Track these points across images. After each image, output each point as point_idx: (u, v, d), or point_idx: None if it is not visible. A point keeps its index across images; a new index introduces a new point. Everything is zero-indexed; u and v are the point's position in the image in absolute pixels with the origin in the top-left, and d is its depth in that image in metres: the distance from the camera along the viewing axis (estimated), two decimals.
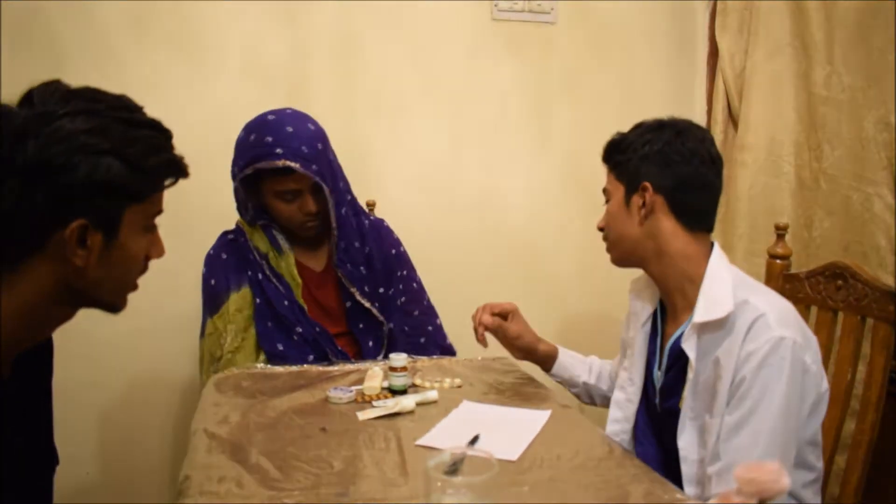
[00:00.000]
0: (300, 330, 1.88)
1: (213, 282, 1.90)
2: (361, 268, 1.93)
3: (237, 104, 2.30)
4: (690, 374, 1.41)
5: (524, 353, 1.79)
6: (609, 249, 1.59)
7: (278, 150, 1.75)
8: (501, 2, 2.51)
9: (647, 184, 1.47)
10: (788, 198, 2.34)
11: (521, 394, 1.67)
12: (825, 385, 1.41)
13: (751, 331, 1.33)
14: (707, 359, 1.39)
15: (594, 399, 1.84)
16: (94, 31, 2.19)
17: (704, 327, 1.39)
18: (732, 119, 2.56)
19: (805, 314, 1.82)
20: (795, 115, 2.34)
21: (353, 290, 1.92)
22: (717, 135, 2.57)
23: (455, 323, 2.11)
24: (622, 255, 1.57)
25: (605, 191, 1.58)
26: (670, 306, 1.54)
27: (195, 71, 2.28)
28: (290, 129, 1.79)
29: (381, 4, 2.41)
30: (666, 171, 1.47)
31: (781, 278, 1.88)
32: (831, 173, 2.20)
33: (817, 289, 1.78)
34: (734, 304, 1.37)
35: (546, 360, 1.80)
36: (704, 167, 1.48)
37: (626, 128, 1.59)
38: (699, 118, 2.73)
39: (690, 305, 1.45)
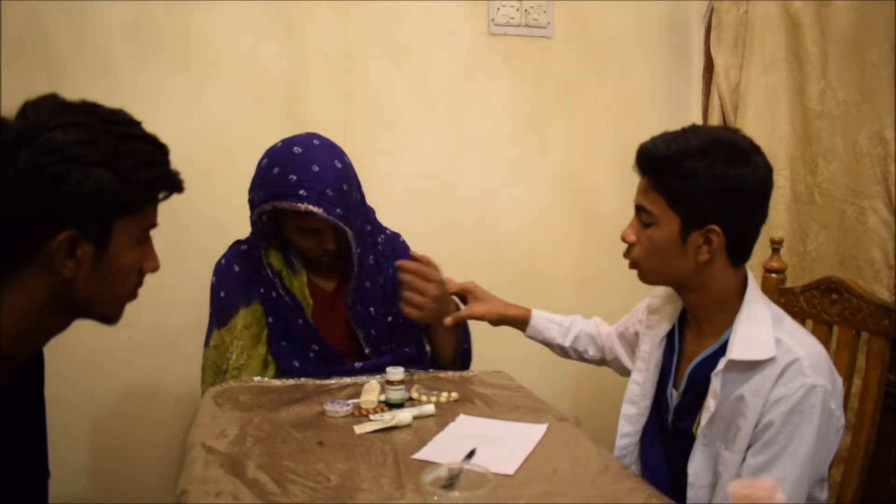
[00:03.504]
0: (316, 347, 1.87)
1: (222, 294, 1.86)
2: (372, 309, 1.89)
3: (235, 118, 2.32)
4: (711, 405, 1.38)
5: (495, 323, 1.87)
6: (639, 270, 1.49)
7: (301, 192, 1.68)
8: (498, 16, 2.52)
9: (718, 228, 1.35)
10: (784, 212, 2.35)
11: (517, 407, 1.67)
12: (843, 421, 1.38)
13: (783, 375, 1.30)
14: (730, 391, 1.36)
15: (571, 356, 1.91)
16: (92, 44, 2.20)
17: (736, 363, 1.35)
18: None
19: None
20: (790, 129, 2.35)
21: (359, 332, 1.89)
22: None
23: None
24: (657, 281, 1.51)
25: (641, 208, 1.44)
26: (694, 328, 1.50)
27: (193, 84, 2.29)
28: (315, 168, 1.71)
29: (379, 19, 2.42)
30: (739, 215, 1.36)
31: (777, 292, 1.89)
32: (826, 187, 2.21)
33: (812, 303, 1.79)
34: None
35: (521, 325, 1.87)
36: (768, 200, 1.40)
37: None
38: None
39: (718, 332, 1.43)
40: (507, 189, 2.61)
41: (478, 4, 2.51)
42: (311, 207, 1.68)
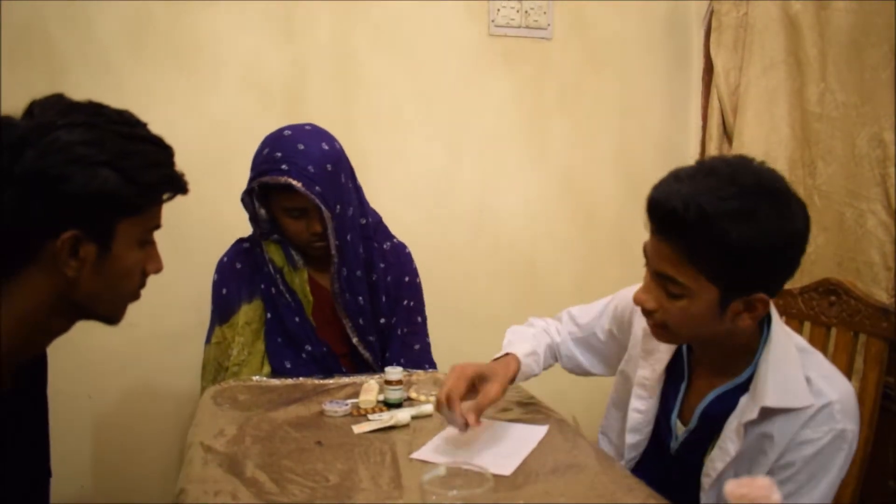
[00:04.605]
0: (309, 348, 1.88)
1: (224, 291, 1.88)
2: (360, 298, 1.90)
3: (236, 118, 2.32)
4: (731, 450, 1.28)
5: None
6: (666, 334, 1.33)
7: (284, 167, 1.74)
8: (498, 17, 2.53)
9: (765, 295, 1.21)
10: None
11: (516, 408, 1.67)
12: None
13: (814, 418, 1.23)
14: (752, 431, 1.27)
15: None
16: (93, 44, 2.20)
17: (768, 409, 1.24)
18: (727, 135, 2.58)
19: (798, 330, 1.83)
20: (789, 131, 2.35)
21: (345, 321, 1.89)
22: (712, 150, 2.59)
23: (452, 337, 2.12)
24: (681, 342, 1.40)
25: (667, 277, 1.23)
26: (705, 360, 1.39)
27: (194, 85, 2.29)
28: (301, 146, 1.76)
29: (379, 20, 2.43)
30: (786, 274, 1.23)
31: None
32: (825, 189, 2.21)
33: (810, 304, 1.79)
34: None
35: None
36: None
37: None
38: (694, 133, 2.75)
39: (736, 367, 1.32)
40: (506, 189, 2.62)
41: (478, 5, 2.51)
42: (290, 180, 1.72)
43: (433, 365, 2.01)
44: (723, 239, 1.14)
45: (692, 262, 1.19)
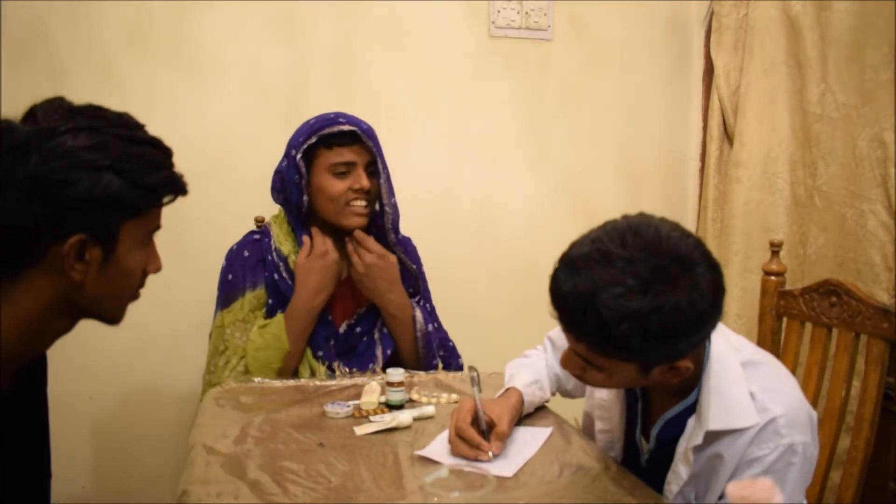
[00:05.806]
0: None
1: (229, 276, 1.90)
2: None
3: (236, 120, 2.32)
4: (683, 473, 1.29)
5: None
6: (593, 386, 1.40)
7: (341, 120, 1.84)
8: (498, 19, 2.53)
9: (686, 362, 1.20)
10: (783, 214, 2.36)
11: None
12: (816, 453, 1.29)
13: (759, 435, 1.22)
14: (703, 452, 1.27)
15: None
16: (94, 46, 2.20)
17: (713, 432, 1.24)
18: (728, 136, 2.58)
19: (799, 331, 1.84)
20: (790, 132, 2.36)
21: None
22: (713, 151, 2.59)
23: (453, 337, 2.12)
24: None
25: (580, 355, 1.22)
26: (658, 387, 1.35)
27: (195, 87, 2.29)
28: (350, 116, 1.87)
29: (380, 22, 2.43)
30: (702, 334, 1.19)
31: (776, 295, 1.90)
32: (826, 190, 2.22)
33: (811, 305, 1.79)
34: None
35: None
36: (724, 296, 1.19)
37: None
38: (695, 134, 2.75)
39: (685, 392, 1.31)
40: (507, 191, 2.62)
41: (478, 7, 2.51)
42: (351, 126, 1.82)
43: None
44: (627, 343, 1.12)
45: (599, 352, 1.18)
